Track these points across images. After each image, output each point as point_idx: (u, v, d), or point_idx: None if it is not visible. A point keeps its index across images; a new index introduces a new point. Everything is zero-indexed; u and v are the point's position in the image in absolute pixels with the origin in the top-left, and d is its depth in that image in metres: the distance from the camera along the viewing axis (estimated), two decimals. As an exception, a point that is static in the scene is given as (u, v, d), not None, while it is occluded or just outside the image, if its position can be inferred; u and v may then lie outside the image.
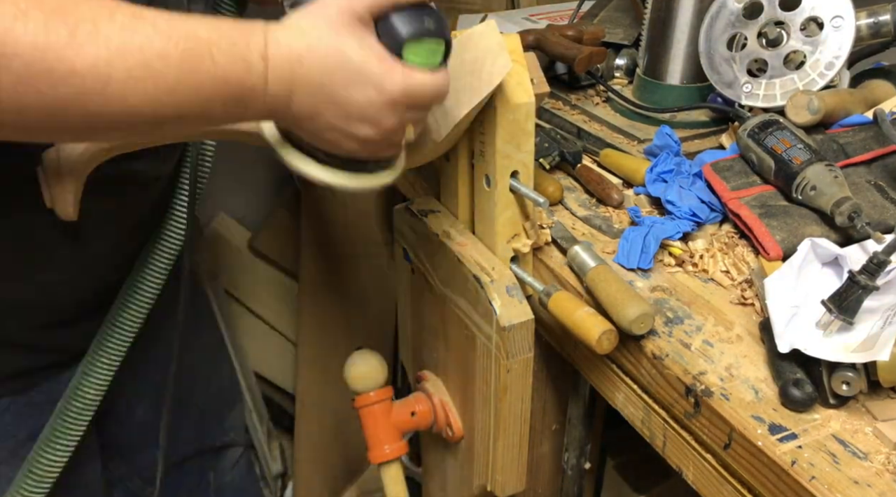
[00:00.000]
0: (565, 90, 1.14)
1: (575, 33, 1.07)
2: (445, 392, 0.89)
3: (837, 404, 0.61)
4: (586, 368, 0.79)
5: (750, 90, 0.94)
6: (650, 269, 0.79)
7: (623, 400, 0.74)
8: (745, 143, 0.85)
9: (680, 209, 0.82)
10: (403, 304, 0.97)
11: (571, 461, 1.01)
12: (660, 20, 1.03)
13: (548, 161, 0.95)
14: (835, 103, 0.88)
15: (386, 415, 0.89)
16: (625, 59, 1.17)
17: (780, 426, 0.59)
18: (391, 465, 0.91)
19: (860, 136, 0.87)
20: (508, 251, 0.78)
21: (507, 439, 0.80)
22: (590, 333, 0.67)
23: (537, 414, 0.96)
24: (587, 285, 0.74)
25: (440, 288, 0.83)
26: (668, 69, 1.04)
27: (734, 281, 0.76)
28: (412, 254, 0.89)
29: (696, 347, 0.68)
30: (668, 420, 0.69)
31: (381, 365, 0.91)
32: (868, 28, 0.96)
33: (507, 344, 0.73)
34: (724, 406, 0.62)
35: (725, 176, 0.85)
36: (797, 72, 0.92)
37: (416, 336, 0.95)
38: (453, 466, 0.94)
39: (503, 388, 0.76)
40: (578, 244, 0.78)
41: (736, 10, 0.95)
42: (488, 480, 0.84)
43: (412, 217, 0.85)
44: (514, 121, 0.71)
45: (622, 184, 0.95)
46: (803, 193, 0.78)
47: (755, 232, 0.77)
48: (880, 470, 0.56)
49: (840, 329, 0.62)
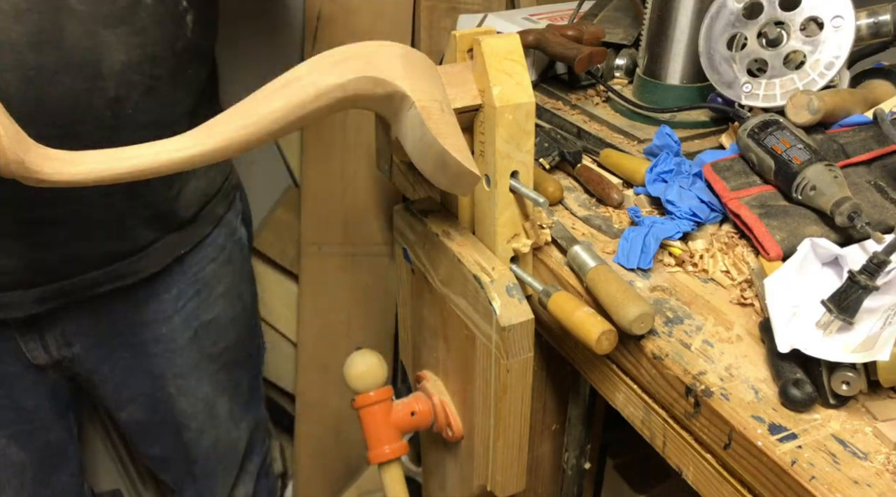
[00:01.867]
0: (565, 90, 1.14)
1: (575, 33, 1.07)
2: (445, 392, 0.89)
3: (837, 404, 0.61)
4: (586, 368, 0.79)
5: (750, 90, 0.94)
6: (650, 269, 0.79)
7: (623, 400, 0.74)
8: (745, 143, 0.85)
9: (680, 209, 0.82)
10: (403, 303, 0.97)
11: (571, 461, 1.01)
12: (660, 20, 1.03)
13: (548, 161, 0.95)
14: (835, 103, 0.88)
15: (386, 415, 0.89)
16: (625, 59, 1.17)
17: (780, 426, 0.59)
18: (391, 465, 0.91)
19: (860, 136, 0.86)
20: (508, 251, 0.78)
21: (507, 439, 0.80)
22: (589, 333, 0.67)
23: (537, 414, 0.96)
24: (587, 285, 0.74)
25: (440, 288, 0.83)
26: (668, 69, 1.04)
27: (734, 281, 0.76)
28: (412, 254, 0.89)
29: (696, 347, 0.68)
30: (668, 420, 0.69)
31: (381, 365, 0.91)
32: (868, 28, 0.96)
33: (507, 344, 0.73)
34: (724, 406, 0.62)
35: (725, 176, 0.85)
36: (797, 72, 0.92)
37: (416, 336, 0.95)
38: (453, 466, 0.94)
39: (503, 388, 0.76)
40: (578, 244, 0.78)
41: (736, 10, 0.95)
42: (488, 480, 0.84)
43: (412, 217, 0.85)
44: (514, 121, 0.71)
45: (622, 184, 0.95)
46: (803, 193, 0.78)
47: (755, 232, 0.77)
48: (880, 470, 0.56)
49: (840, 329, 0.62)
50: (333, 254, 1.52)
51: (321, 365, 1.58)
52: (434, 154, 0.67)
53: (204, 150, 0.63)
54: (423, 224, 0.83)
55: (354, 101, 0.66)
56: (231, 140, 0.63)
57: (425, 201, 0.88)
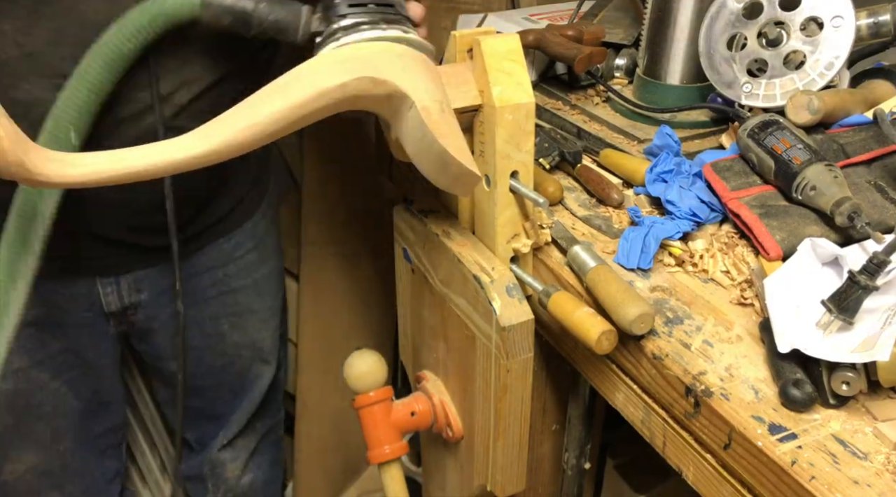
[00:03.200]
0: (565, 90, 1.14)
1: (575, 33, 1.07)
2: (445, 392, 0.89)
3: (837, 404, 0.61)
4: (586, 368, 0.79)
5: (750, 90, 0.94)
6: (650, 269, 0.79)
7: (623, 400, 0.74)
8: (745, 143, 0.85)
9: (680, 209, 0.82)
10: (403, 304, 0.97)
11: (571, 461, 1.01)
12: (660, 20, 1.03)
13: (548, 161, 0.95)
14: (835, 103, 0.88)
15: (386, 415, 0.89)
16: (625, 59, 1.17)
17: (780, 426, 0.59)
18: (391, 466, 0.91)
19: (860, 136, 0.86)
20: (508, 251, 0.78)
21: (507, 439, 0.80)
22: (589, 334, 0.67)
23: (537, 414, 0.96)
24: (587, 285, 0.74)
25: (440, 288, 0.83)
26: (668, 69, 1.04)
27: (734, 281, 0.76)
28: (412, 254, 0.89)
29: (696, 347, 0.68)
30: (668, 420, 0.69)
31: (381, 365, 0.91)
32: (868, 28, 0.96)
33: (507, 344, 0.73)
34: (724, 406, 0.62)
35: (725, 176, 0.85)
36: (797, 72, 0.92)
37: (416, 336, 0.95)
38: (453, 466, 0.94)
39: (503, 389, 0.76)
40: (578, 244, 0.78)
41: (736, 10, 0.95)
42: (488, 480, 0.84)
43: (412, 217, 0.85)
44: (513, 121, 0.71)
45: (622, 184, 0.95)
46: (803, 193, 0.78)
47: (755, 232, 0.77)
48: (880, 470, 0.56)
49: (840, 329, 0.62)
50: (333, 254, 1.52)
51: (321, 365, 1.58)
52: (434, 154, 0.67)
53: (205, 150, 0.63)
54: (423, 224, 0.83)
55: (354, 102, 0.66)
56: (232, 140, 0.63)
57: (425, 201, 0.88)
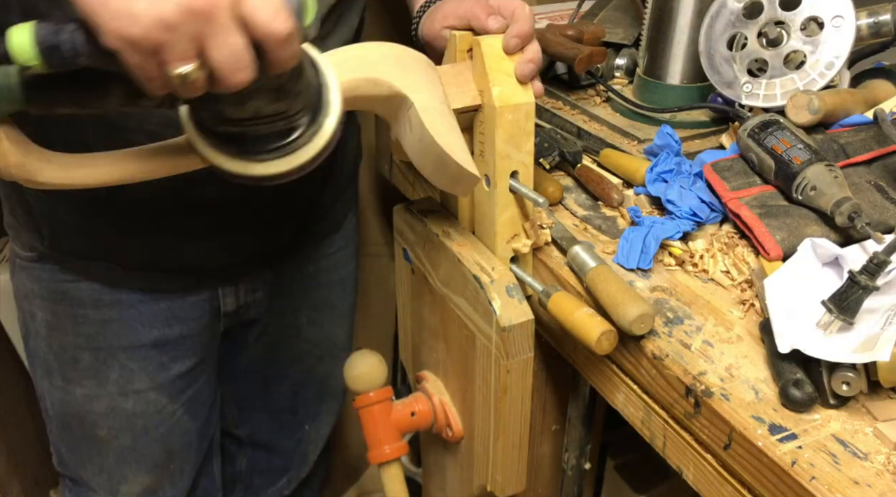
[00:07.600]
0: (565, 90, 1.14)
1: (575, 33, 1.07)
2: (445, 392, 0.89)
3: (837, 404, 0.61)
4: (586, 369, 0.79)
5: (750, 90, 0.94)
6: (650, 270, 0.79)
7: (623, 400, 0.74)
8: (746, 143, 0.85)
9: (680, 209, 0.82)
10: (403, 304, 0.97)
11: (571, 461, 1.01)
12: (660, 20, 1.03)
13: (548, 161, 0.95)
14: (835, 103, 0.88)
15: (386, 415, 0.89)
16: (625, 59, 1.17)
17: (780, 426, 0.59)
18: (391, 466, 0.91)
19: (860, 136, 0.86)
20: (508, 251, 0.78)
21: (507, 439, 0.80)
22: (589, 334, 0.67)
23: (537, 414, 0.96)
24: (587, 285, 0.74)
25: (440, 288, 0.83)
26: (668, 69, 1.04)
27: (734, 281, 0.76)
28: (412, 254, 0.89)
29: (696, 348, 0.68)
30: (668, 420, 0.69)
31: (381, 365, 0.91)
32: (868, 28, 0.96)
33: (507, 344, 0.73)
34: (724, 406, 0.62)
35: (725, 176, 0.85)
36: (797, 72, 0.92)
37: (416, 336, 0.95)
38: (453, 467, 0.94)
39: (503, 389, 0.76)
40: (578, 244, 0.78)
41: (736, 10, 0.95)
42: (488, 481, 0.84)
43: (412, 217, 0.85)
44: (513, 121, 0.71)
45: (622, 184, 0.95)
46: (803, 193, 0.78)
47: (755, 232, 0.77)
48: (880, 470, 0.56)
49: (840, 329, 0.62)
50: (334, 254, 1.51)
51: (321, 365, 1.58)
52: (434, 154, 0.67)
53: None
54: (423, 224, 0.83)
55: (354, 102, 0.66)
56: None
57: (425, 201, 0.88)
